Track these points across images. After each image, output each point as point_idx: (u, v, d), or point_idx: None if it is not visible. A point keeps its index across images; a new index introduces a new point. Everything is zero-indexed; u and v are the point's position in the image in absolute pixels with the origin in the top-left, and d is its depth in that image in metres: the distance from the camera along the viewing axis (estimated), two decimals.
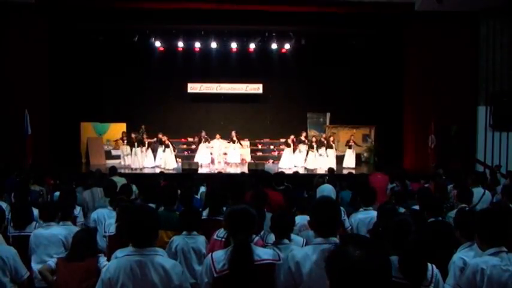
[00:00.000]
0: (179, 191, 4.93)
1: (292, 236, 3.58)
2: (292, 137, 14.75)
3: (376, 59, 15.42)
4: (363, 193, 4.93)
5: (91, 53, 15.23)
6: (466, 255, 2.96)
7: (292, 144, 14.66)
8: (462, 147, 12.87)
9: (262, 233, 3.68)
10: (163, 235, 3.89)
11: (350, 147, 14.80)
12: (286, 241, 3.37)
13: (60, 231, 4.19)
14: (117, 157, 15.03)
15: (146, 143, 14.13)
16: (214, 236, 3.35)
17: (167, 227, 3.97)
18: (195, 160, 14.50)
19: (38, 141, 12.28)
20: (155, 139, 14.48)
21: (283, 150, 15.10)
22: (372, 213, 4.53)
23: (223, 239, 3.14)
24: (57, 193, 6.53)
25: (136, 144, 13.88)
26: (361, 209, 4.76)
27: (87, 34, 14.74)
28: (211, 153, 15.11)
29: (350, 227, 4.81)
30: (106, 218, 4.81)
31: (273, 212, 4.37)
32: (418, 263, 2.49)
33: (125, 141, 14.16)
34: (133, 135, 14.17)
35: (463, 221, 3.26)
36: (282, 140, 15.50)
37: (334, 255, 1.47)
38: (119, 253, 2.94)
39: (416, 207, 4.81)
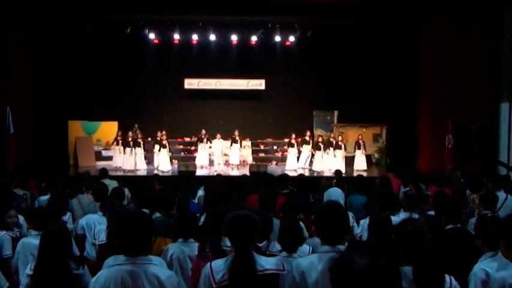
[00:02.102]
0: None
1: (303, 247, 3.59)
2: (293, 135, 14.73)
3: (388, 52, 15.37)
4: (379, 197, 4.90)
5: (79, 46, 15.17)
6: (488, 266, 2.91)
7: (296, 144, 14.66)
8: (482, 147, 12.79)
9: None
10: (161, 242, 3.88)
11: (359, 147, 14.79)
12: (294, 255, 3.34)
13: None
14: (108, 158, 15.06)
15: (142, 143, 14.12)
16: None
17: (165, 233, 3.96)
18: (196, 162, 14.50)
19: (22, 141, 12.22)
20: (149, 139, 14.48)
21: (286, 151, 15.09)
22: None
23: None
24: (43, 197, 6.52)
25: (132, 144, 13.89)
26: None
27: (74, 25, 14.71)
28: (210, 154, 15.12)
29: (360, 234, 4.80)
30: (96, 225, 4.80)
31: (277, 216, 4.36)
32: (435, 274, 2.46)
33: (120, 142, 14.17)
34: (130, 134, 14.17)
35: (486, 229, 3.19)
36: (286, 140, 15.49)
37: (338, 263, 1.46)
38: (111, 261, 2.93)
39: (432, 213, 4.79)
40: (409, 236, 2.66)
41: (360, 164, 14.67)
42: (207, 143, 14.86)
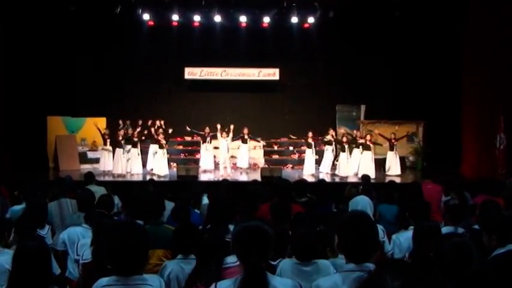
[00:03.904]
0: (173, 204, 4.95)
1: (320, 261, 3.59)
2: (310, 134, 14.69)
3: (426, 36, 15.28)
4: (413, 207, 4.87)
5: (60, 29, 15.23)
6: None
7: (313, 144, 14.63)
8: None
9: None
10: (150, 255, 3.88)
11: (391, 148, 14.72)
12: (307, 268, 3.36)
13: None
14: (95, 160, 15.13)
15: (139, 143, 14.14)
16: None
17: (155, 244, 3.98)
18: (200, 164, 14.51)
19: None
20: (143, 138, 14.53)
21: (304, 152, 15.07)
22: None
23: None
24: (17, 207, 6.55)
25: (124, 143, 13.92)
26: (411, 227, 4.71)
27: (54, 3, 14.73)
28: (214, 156, 15.14)
29: (391, 251, 4.77)
30: (79, 239, 4.81)
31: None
32: None
33: (108, 142, 14.22)
34: (121, 132, 14.21)
35: None
36: (303, 140, 15.46)
37: (367, 285, 1.45)
38: (102, 282, 2.93)
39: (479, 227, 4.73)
40: (451, 254, 2.63)
41: (392, 167, 14.60)
42: (211, 142, 14.87)
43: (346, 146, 14.30)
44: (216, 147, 15.02)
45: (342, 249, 2.63)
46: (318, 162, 14.92)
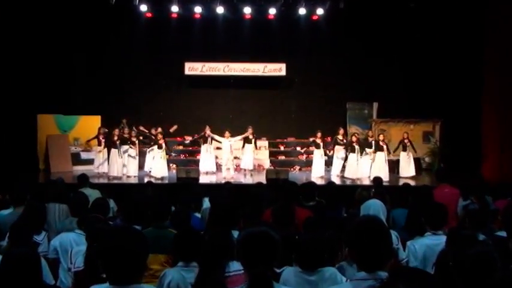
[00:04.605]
0: (173, 208, 4.94)
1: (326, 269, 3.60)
2: (319, 133, 14.66)
3: (443, 28, 15.26)
4: (430, 211, 4.84)
5: (52, 21, 15.20)
6: None
7: (321, 145, 14.60)
8: None
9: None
10: (151, 261, 3.88)
11: (406, 149, 14.68)
12: (312, 277, 3.35)
13: None
14: (88, 162, 15.14)
15: (137, 143, 14.15)
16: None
17: (157, 249, 3.97)
18: (200, 166, 14.51)
19: None
20: (141, 137, 14.53)
21: (313, 153, 15.04)
22: (445, 239, 4.46)
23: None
24: (4, 212, 6.55)
25: (119, 143, 13.93)
26: (427, 233, 4.69)
27: None
28: (216, 157, 15.14)
29: (406, 259, 4.76)
30: (72, 246, 4.81)
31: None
32: None
33: (103, 142, 14.23)
34: (116, 132, 14.21)
35: None
36: (311, 140, 15.44)
37: None
38: None
39: (503, 233, 4.71)
40: (473, 263, 2.60)
41: (407, 169, 14.59)
42: (211, 143, 14.85)
43: (357, 147, 14.26)
44: (218, 148, 15.03)
45: (354, 256, 2.62)
46: (328, 163, 14.88)
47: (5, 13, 13.79)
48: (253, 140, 14.94)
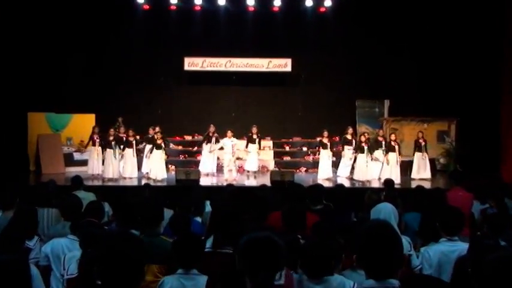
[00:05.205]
0: (172, 212, 4.94)
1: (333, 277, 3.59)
2: (325, 133, 14.64)
3: (459, 21, 15.21)
4: (445, 216, 4.84)
5: (44, 14, 15.25)
6: None
7: (329, 145, 14.59)
8: None
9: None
10: (145, 271, 3.88)
11: (419, 149, 14.65)
12: (317, 286, 3.34)
13: None
14: (82, 163, 15.13)
15: (134, 143, 14.15)
16: None
17: (150, 258, 3.97)
18: (200, 167, 14.52)
19: None
20: (138, 137, 14.52)
21: (319, 153, 15.02)
22: (462, 246, 4.45)
23: None
24: None
25: (114, 144, 13.92)
26: (442, 239, 4.69)
27: None
28: (218, 158, 15.14)
29: (419, 266, 4.75)
30: (65, 252, 4.81)
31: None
32: None
33: (98, 141, 14.22)
34: (111, 132, 14.19)
35: None
36: (318, 139, 15.43)
37: None
38: None
39: None
40: (493, 271, 2.59)
41: (420, 171, 14.55)
42: (215, 143, 14.84)
43: (366, 147, 14.23)
44: (221, 148, 15.01)
45: (363, 262, 2.62)
46: (336, 165, 14.87)
47: None
48: (257, 140, 14.93)
